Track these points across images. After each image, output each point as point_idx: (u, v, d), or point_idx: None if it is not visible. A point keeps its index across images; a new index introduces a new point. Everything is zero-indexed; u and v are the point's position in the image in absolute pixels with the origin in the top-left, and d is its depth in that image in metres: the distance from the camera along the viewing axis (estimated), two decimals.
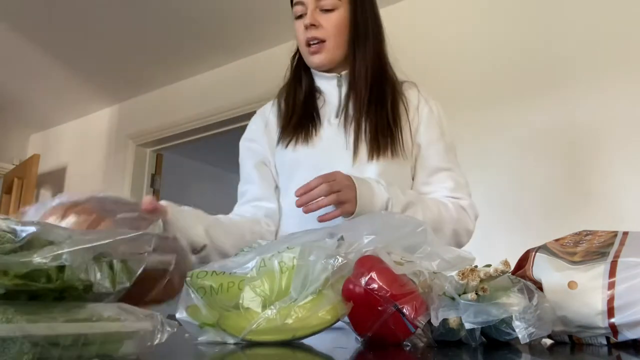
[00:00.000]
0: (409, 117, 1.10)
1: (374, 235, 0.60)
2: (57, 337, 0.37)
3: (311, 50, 1.10)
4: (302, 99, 1.15)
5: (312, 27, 1.07)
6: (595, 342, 0.61)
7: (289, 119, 1.14)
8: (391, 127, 1.06)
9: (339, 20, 1.08)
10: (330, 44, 1.09)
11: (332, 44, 1.08)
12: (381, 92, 1.09)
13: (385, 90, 1.10)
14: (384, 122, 1.06)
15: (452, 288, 0.56)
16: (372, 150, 1.05)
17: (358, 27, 1.09)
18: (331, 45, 1.09)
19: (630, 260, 0.60)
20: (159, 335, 0.45)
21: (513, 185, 2.09)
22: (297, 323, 0.55)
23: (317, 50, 1.09)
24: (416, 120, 1.11)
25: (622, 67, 1.97)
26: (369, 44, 1.10)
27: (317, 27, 1.08)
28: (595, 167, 1.97)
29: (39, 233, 0.42)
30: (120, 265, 0.45)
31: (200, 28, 2.86)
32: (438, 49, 2.39)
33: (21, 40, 2.98)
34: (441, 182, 1.09)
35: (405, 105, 1.11)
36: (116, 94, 3.70)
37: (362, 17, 1.09)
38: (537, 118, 2.11)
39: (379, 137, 1.05)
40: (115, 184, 3.62)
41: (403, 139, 1.07)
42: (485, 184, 1.99)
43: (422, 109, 1.12)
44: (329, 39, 1.08)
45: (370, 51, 1.10)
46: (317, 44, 1.09)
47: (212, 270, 0.61)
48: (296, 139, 1.11)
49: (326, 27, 1.08)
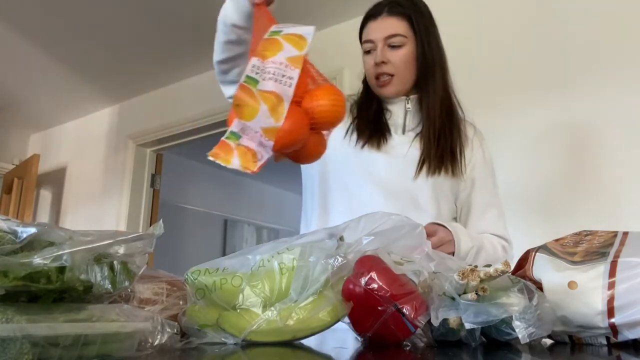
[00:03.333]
0: (466, 148, 1.21)
1: (373, 236, 0.60)
2: (57, 337, 0.37)
3: (379, 84, 1.18)
4: (372, 115, 1.23)
5: (382, 64, 1.15)
6: (595, 342, 0.61)
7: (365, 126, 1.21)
8: (454, 148, 1.17)
9: (406, 57, 1.15)
10: (398, 78, 1.16)
11: (399, 78, 1.17)
12: (450, 119, 1.19)
13: (454, 119, 1.20)
14: (450, 143, 1.17)
15: (452, 288, 0.56)
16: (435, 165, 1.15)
17: (426, 60, 1.17)
18: (399, 80, 1.17)
19: (630, 260, 0.60)
20: (159, 335, 0.45)
21: (508, 186, 2.09)
22: (297, 324, 0.55)
23: (386, 83, 1.17)
24: (471, 157, 1.22)
25: (627, 64, 1.97)
26: (437, 74, 1.18)
27: (386, 64, 1.15)
28: (597, 166, 1.96)
29: (39, 234, 0.42)
30: (121, 266, 0.45)
31: (201, 28, 2.86)
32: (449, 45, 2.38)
33: (21, 40, 2.98)
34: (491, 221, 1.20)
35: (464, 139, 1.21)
36: (116, 94, 3.70)
37: (428, 51, 1.17)
38: (539, 117, 2.10)
39: (443, 154, 1.15)
40: (115, 184, 3.62)
41: (463, 163, 1.19)
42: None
43: (476, 148, 1.23)
44: (397, 73, 1.16)
45: (439, 80, 1.18)
46: (386, 78, 1.17)
47: (205, 268, 0.61)
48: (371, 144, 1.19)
49: (394, 63, 1.15)
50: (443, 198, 1.18)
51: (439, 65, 1.19)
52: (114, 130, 3.80)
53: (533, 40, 2.20)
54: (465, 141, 1.21)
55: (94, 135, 3.92)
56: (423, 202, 1.15)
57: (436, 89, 1.18)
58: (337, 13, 2.70)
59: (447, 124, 1.18)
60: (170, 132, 3.43)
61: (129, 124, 3.69)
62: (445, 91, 1.20)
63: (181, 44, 3.02)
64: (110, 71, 3.36)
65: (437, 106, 1.17)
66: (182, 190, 5.09)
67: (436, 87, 1.18)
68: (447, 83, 1.21)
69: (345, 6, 2.64)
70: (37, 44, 3.02)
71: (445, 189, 1.18)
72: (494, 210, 1.21)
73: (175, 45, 3.03)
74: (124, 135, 3.68)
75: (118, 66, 3.29)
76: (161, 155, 3.76)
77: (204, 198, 5.30)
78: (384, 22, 1.16)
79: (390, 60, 1.15)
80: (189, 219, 5.06)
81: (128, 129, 3.67)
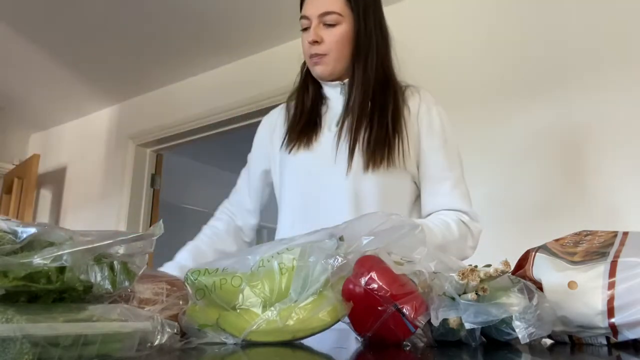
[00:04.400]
0: (408, 125, 1.11)
1: (373, 236, 0.60)
2: (57, 337, 0.37)
3: (313, 62, 1.13)
4: (309, 105, 1.18)
5: (315, 43, 1.10)
6: (595, 342, 0.61)
7: (295, 124, 1.17)
8: (390, 137, 1.07)
9: (341, 35, 1.10)
10: (331, 57, 1.11)
11: (333, 56, 1.11)
12: (383, 101, 1.11)
13: (387, 100, 1.11)
14: (382, 132, 1.08)
15: (452, 288, 0.56)
16: (369, 162, 1.06)
17: (360, 40, 1.11)
18: (332, 58, 1.11)
19: (630, 260, 0.60)
20: (159, 335, 0.45)
21: (509, 186, 2.10)
22: (297, 324, 0.55)
23: (319, 61, 1.12)
24: (416, 127, 1.12)
25: (619, 67, 1.98)
26: (370, 56, 1.12)
27: (319, 43, 1.11)
28: (591, 167, 1.97)
29: (39, 234, 0.42)
30: (121, 266, 0.45)
31: (200, 28, 2.86)
32: (432, 51, 2.40)
33: (21, 40, 2.98)
34: (445, 195, 1.10)
35: (406, 113, 1.12)
36: (116, 94, 3.70)
37: (364, 30, 1.11)
38: (533, 118, 2.12)
39: (375, 147, 1.06)
40: (115, 184, 3.62)
41: (403, 149, 1.08)
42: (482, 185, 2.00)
43: (422, 116, 1.13)
44: (330, 52, 1.11)
45: (372, 63, 1.12)
46: (319, 56, 1.12)
47: (205, 268, 0.61)
48: (299, 144, 1.14)
49: (328, 42, 1.10)
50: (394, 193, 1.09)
51: (377, 46, 1.12)
52: (114, 130, 3.80)
53: (520, 46, 2.23)
54: (408, 115, 1.12)
55: (94, 135, 3.92)
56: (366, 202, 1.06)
57: (367, 70, 1.10)
58: None
59: (378, 105, 1.10)
60: (170, 132, 3.43)
61: (129, 124, 3.69)
62: (380, 71, 1.12)
63: (181, 44, 3.02)
64: (110, 71, 3.36)
65: (366, 90, 1.10)
66: (182, 190, 5.09)
67: (367, 69, 1.10)
68: (385, 63, 1.14)
69: None
70: (37, 44, 3.02)
71: (391, 186, 1.08)
72: (446, 183, 1.10)
73: (175, 45, 3.03)
74: (124, 135, 3.68)
75: (118, 66, 3.29)
76: (161, 155, 3.76)
77: (204, 198, 5.29)
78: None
79: (324, 39, 1.10)
80: (189, 219, 5.04)
81: (128, 129, 3.67)
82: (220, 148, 4.86)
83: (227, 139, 3.72)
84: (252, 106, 3.02)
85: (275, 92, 2.90)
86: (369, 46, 1.12)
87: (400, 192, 1.11)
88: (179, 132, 3.40)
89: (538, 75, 2.15)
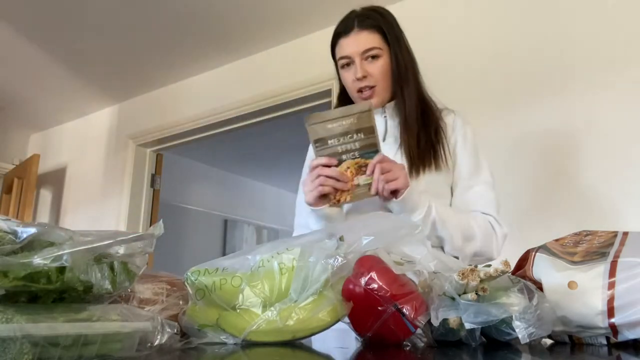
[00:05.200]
0: (446, 136, 1.23)
1: (373, 236, 0.60)
2: (57, 337, 0.37)
3: (364, 96, 1.22)
4: None
5: (363, 78, 1.19)
6: (595, 342, 0.61)
7: None
8: (434, 144, 1.19)
9: (383, 67, 1.20)
10: (379, 88, 1.21)
11: (381, 87, 1.21)
12: (426, 118, 1.22)
13: (429, 117, 1.22)
14: (429, 141, 1.19)
15: (452, 288, 0.56)
16: (419, 165, 1.16)
17: (400, 68, 1.21)
18: (380, 89, 1.22)
19: (630, 260, 0.60)
20: (159, 335, 0.45)
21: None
22: (297, 324, 0.55)
23: (370, 95, 1.21)
24: (453, 139, 1.23)
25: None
26: (410, 79, 1.22)
27: (367, 77, 1.20)
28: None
29: (39, 234, 0.42)
30: (121, 266, 0.45)
31: (201, 28, 2.86)
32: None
33: (21, 40, 2.98)
34: (473, 199, 1.19)
35: (444, 127, 1.24)
36: (116, 94, 3.70)
37: (402, 59, 1.22)
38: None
39: (424, 153, 1.18)
40: (115, 184, 3.62)
41: (445, 154, 1.20)
42: None
43: (457, 129, 1.25)
44: (378, 84, 1.21)
45: (412, 85, 1.22)
46: (369, 90, 1.21)
47: (205, 268, 0.61)
48: None
49: (374, 75, 1.20)
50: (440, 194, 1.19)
51: (412, 70, 1.23)
52: (114, 130, 3.80)
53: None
54: (445, 129, 1.23)
55: (94, 135, 3.92)
56: None
57: (411, 94, 1.21)
58: (337, 13, 2.69)
59: (423, 124, 1.21)
60: (170, 132, 3.43)
61: (129, 124, 3.69)
62: (419, 93, 1.24)
63: (181, 44, 3.02)
64: (110, 71, 3.36)
65: (412, 110, 1.20)
66: (182, 190, 5.09)
67: (410, 92, 1.22)
68: (419, 85, 1.25)
69: (345, 7, 2.63)
70: (37, 44, 3.02)
71: (438, 185, 1.19)
72: (476, 188, 1.20)
73: (175, 45, 3.03)
74: (124, 135, 3.68)
75: (118, 66, 3.29)
76: (161, 155, 3.76)
77: (204, 198, 5.30)
78: (357, 36, 1.21)
79: (370, 72, 1.20)
80: (189, 219, 5.06)
81: (128, 129, 3.67)
82: (220, 148, 4.87)
83: (227, 139, 3.72)
84: (252, 106, 3.02)
85: (276, 92, 2.90)
86: (406, 72, 1.22)
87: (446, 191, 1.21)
88: (179, 132, 3.40)
89: (530, 78, 2.18)
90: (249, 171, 5.60)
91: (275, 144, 4.67)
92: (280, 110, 2.97)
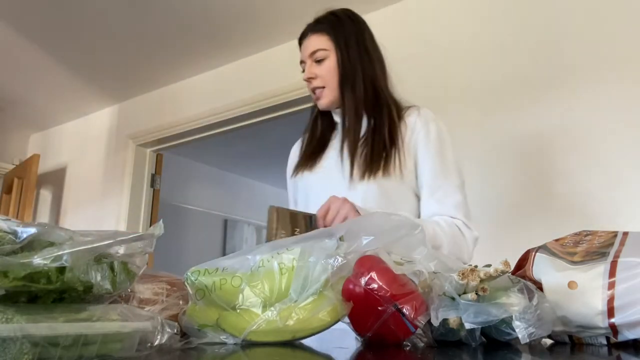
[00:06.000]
0: (404, 140, 1.19)
1: (373, 236, 0.60)
2: (57, 337, 0.37)
3: (315, 97, 1.27)
4: (318, 133, 1.32)
5: (311, 79, 1.24)
6: (595, 342, 0.61)
7: (304, 152, 1.31)
8: (387, 149, 1.16)
9: (330, 68, 1.22)
10: (328, 90, 1.24)
11: (329, 89, 1.23)
12: (377, 120, 1.21)
13: (382, 118, 1.21)
14: (380, 146, 1.17)
15: (452, 288, 0.56)
16: (366, 171, 1.15)
17: (345, 69, 1.22)
18: (329, 91, 1.24)
19: (630, 260, 0.60)
20: (159, 335, 0.45)
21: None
22: (297, 324, 0.55)
23: (319, 96, 1.25)
24: (413, 141, 1.20)
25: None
26: (357, 81, 1.22)
27: (315, 78, 1.24)
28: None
29: (39, 234, 0.42)
30: (121, 266, 0.45)
31: (200, 28, 2.86)
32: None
33: (21, 40, 2.98)
34: (438, 202, 1.15)
35: (403, 130, 1.20)
36: (116, 94, 3.70)
37: (347, 59, 1.22)
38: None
39: (373, 160, 1.15)
40: (115, 184, 3.62)
41: (399, 161, 1.16)
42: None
43: (419, 130, 1.20)
44: (327, 85, 1.23)
45: (359, 88, 1.21)
46: (319, 91, 1.25)
47: (205, 268, 0.61)
48: (303, 169, 1.27)
49: (321, 75, 1.23)
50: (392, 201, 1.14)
51: (363, 70, 1.22)
52: (114, 130, 3.80)
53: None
54: (405, 131, 1.20)
55: (94, 135, 3.92)
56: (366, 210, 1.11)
57: (355, 95, 1.21)
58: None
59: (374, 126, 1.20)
60: (170, 132, 3.43)
61: (129, 124, 3.69)
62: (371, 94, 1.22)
63: (181, 44, 3.02)
64: (110, 71, 3.36)
65: (352, 114, 1.21)
66: (182, 190, 5.09)
67: (355, 94, 1.21)
68: (376, 86, 1.23)
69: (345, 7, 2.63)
70: (37, 44, 3.02)
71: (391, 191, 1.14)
72: (440, 191, 1.15)
73: (175, 45, 3.03)
74: (124, 135, 3.68)
75: (118, 66, 3.29)
76: (161, 155, 3.76)
77: (204, 198, 5.30)
78: (308, 41, 1.26)
79: (317, 73, 1.23)
80: (189, 219, 5.06)
81: (128, 129, 3.67)
82: (220, 148, 4.87)
83: (227, 139, 3.72)
84: (252, 106, 3.02)
85: (275, 92, 2.90)
86: (354, 73, 1.22)
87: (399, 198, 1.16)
88: (179, 132, 3.40)
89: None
90: (249, 171, 5.60)
91: (275, 144, 4.67)
92: (280, 110, 2.98)
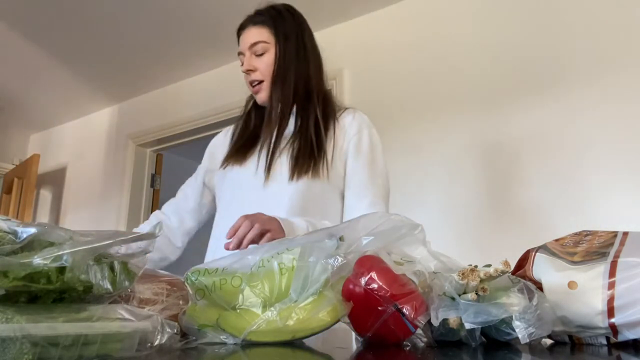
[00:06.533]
0: (337, 143, 1.18)
1: (373, 236, 0.60)
2: (57, 337, 0.37)
3: (254, 91, 1.24)
4: (252, 127, 1.28)
5: (250, 72, 1.21)
6: (595, 342, 0.61)
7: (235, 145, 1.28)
8: (314, 151, 1.14)
9: (269, 62, 1.20)
10: (266, 84, 1.21)
11: (267, 82, 1.21)
12: (305, 120, 1.18)
13: (310, 118, 1.18)
14: (307, 144, 1.15)
15: (452, 288, 0.56)
16: (293, 171, 1.12)
17: (279, 64, 1.20)
18: (267, 85, 1.21)
19: (630, 260, 0.60)
20: (159, 335, 0.45)
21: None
22: (297, 324, 0.55)
23: (258, 90, 1.23)
24: (345, 145, 1.19)
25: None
26: (289, 78, 1.20)
27: (254, 71, 1.21)
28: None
29: (39, 234, 0.42)
30: (121, 266, 0.45)
31: (200, 28, 2.86)
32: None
33: (21, 40, 2.98)
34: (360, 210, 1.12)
35: (336, 131, 1.19)
36: (116, 94, 3.70)
37: (283, 54, 1.20)
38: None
39: (300, 158, 1.13)
40: (115, 184, 3.62)
41: (327, 162, 1.14)
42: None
43: (351, 135, 1.19)
44: (265, 78, 1.21)
45: (289, 83, 1.19)
46: (257, 84, 1.22)
47: (205, 268, 0.61)
48: (234, 162, 1.23)
49: (260, 69, 1.21)
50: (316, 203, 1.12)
51: (296, 68, 1.20)
52: (114, 130, 3.80)
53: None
54: (339, 133, 1.18)
55: (94, 135, 3.92)
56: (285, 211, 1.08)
57: (284, 92, 1.19)
58: (337, 13, 2.69)
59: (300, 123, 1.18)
60: (170, 132, 3.42)
61: (129, 124, 3.69)
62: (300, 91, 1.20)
63: (181, 44, 3.02)
64: (110, 71, 3.36)
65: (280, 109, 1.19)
66: None
67: (284, 91, 1.19)
68: (307, 84, 1.21)
69: (345, 6, 2.64)
70: (37, 44, 3.02)
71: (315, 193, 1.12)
72: (365, 200, 1.13)
73: (175, 45, 3.03)
74: (124, 135, 3.68)
75: (118, 66, 3.29)
76: (161, 155, 3.76)
77: None
78: (248, 32, 1.22)
79: (256, 67, 1.20)
80: None
81: (128, 129, 3.67)
82: None
83: None
84: None
85: None
86: (285, 68, 1.20)
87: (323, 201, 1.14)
88: (179, 132, 3.39)
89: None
90: None
91: None
92: None
